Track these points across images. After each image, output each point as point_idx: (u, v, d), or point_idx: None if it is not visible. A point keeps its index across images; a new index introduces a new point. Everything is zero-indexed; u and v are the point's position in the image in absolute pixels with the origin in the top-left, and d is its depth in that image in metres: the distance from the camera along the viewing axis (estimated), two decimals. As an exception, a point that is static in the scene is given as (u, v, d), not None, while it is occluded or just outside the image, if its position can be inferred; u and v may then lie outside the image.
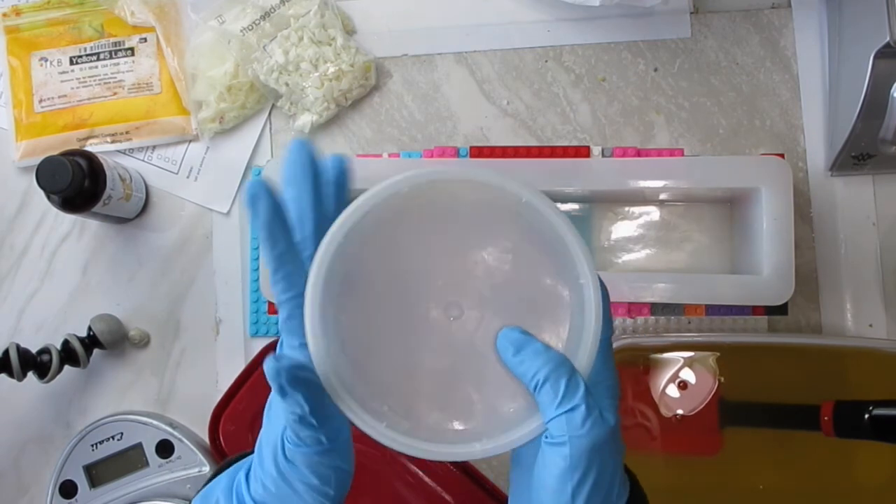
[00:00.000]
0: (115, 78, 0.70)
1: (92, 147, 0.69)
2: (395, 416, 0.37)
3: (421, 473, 0.63)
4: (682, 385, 0.60)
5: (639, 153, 0.65)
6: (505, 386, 0.38)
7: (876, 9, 0.57)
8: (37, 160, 0.61)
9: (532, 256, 0.39)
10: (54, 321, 0.69)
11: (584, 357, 0.36)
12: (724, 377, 0.60)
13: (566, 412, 0.35)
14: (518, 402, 0.38)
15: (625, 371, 0.61)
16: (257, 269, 0.66)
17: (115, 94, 0.70)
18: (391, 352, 0.39)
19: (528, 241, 0.39)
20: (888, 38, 0.56)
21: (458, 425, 0.38)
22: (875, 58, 0.58)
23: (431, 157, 0.65)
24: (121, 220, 0.69)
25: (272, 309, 0.66)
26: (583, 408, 0.35)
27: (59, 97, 0.70)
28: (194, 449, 0.64)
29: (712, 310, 0.64)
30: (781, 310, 0.64)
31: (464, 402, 0.39)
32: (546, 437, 0.36)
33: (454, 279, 0.39)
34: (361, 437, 0.39)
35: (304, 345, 0.36)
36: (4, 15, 0.71)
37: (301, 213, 0.38)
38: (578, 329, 0.37)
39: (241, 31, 0.67)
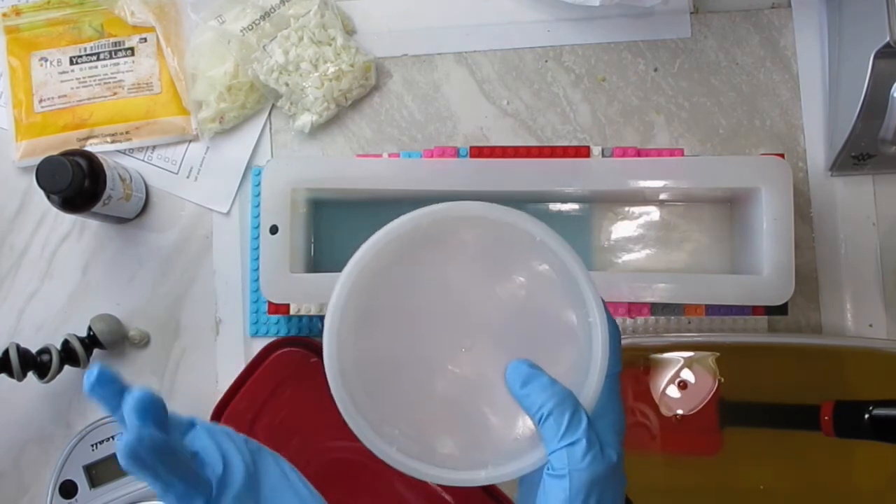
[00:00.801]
0: (115, 78, 0.70)
1: (92, 147, 0.69)
2: (405, 441, 0.39)
3: (421, 473, 0.63)
4: (682, 385, 0.60)
5: (639, 153, 0.65)
6: (512, 416, 0.39)
7: (876, 9, 0.57)
8: (37, 160, 0.61)
9: (543, 292, 0.40)
10: (54, 321, 0.69)
11: (590, 393, 0.38)
12: (723, 377, 0.60)
13: (567, 446, 0.36)
14: (524, 433, 0.39)
15: (625, 371, 0.61)
16: (257, 269, 0.66)
17: (115, 94, 0.70)
18: (404, 378, 0.40)
19: (539, 276, 0.40)
20: (888, 38, 0.56)
21: (465, 452, 0.40)
22: (875, 58, 0.58)
23: (431, 156, 0.65)
24: (121, 220, 0.69)
25: (272, 309, 0.66)
26: (584, 442, 0.36)
27: (59, 97, 0.70)
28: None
29: (712, 310, 0.64)
30: (781, 310, 0.64)
31: (472, 429, 0.40)
32: (548, 469, 0.37)
33: (467, 311, 0.41)
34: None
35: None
36: (4, 15, 0.71)
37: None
38: (586, 364, 0.38)
39: (241, 31, 0.68)
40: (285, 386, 0.65)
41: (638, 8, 0.67)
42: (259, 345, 0.66)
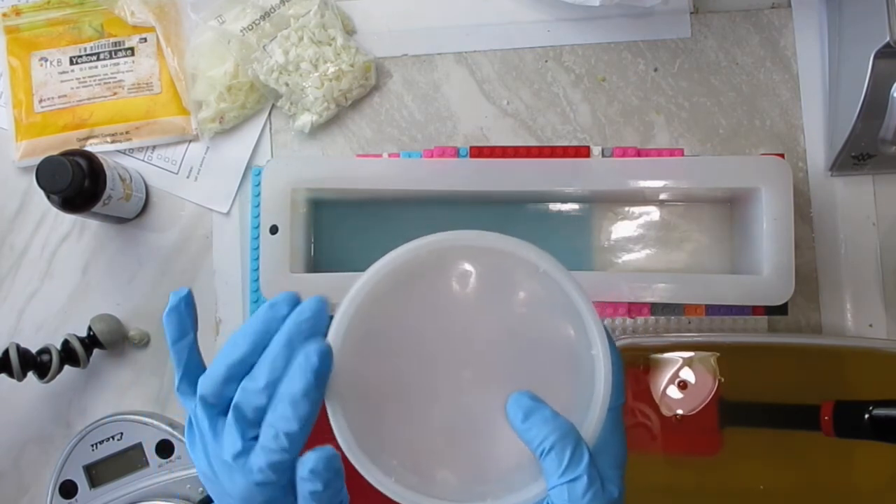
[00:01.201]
0: (115, 78, 0.70)
1: (92, 147, 0.69)
2: (403, 471, 0.38)
3: (421, 473, 0.63)
4: (682, 385, 0.60)
5: (639, 153, 0.65)
6: (512, 448, 0.38)
7: (876, 9, 0.57)
8: (37, 160, 0.61)
9: (546, 321, 0.40)
10: (54, 321, 0.69)
11: (591, 427, 0.37)
12: (724, 377, 0.60)
13: (568, 482, 0.36)
14: (524, 465, 0.38)
15: (625, 371, 0.61)
16: (257, 269, 0.66)
17: (115, 94, 0.70)
18: (404, 408, 0.40)
19: (542, 305, 0.40)
20: (888, 38, 0.56)
21: (464, 483, 0.39)
22: (875, 58, 0.58)
23: (431, 156, 0.65)
24: (121, 220, 0.69)
25: (272, 309, 0.66)
26: (585, 479, 0.36)
27: (59, 97, 0.70)
28: (194, 449, 0.64)
29: (712, 310, 0.64)
30: (781, 310, 0.64)
31: (472, 460, 0.40)
32: None
33: (467, 340, 0.40)
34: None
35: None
36: (4, 15, 0.71)
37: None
38: (588, 396, 0.38)
39: (241, 31, 0.68)
40: (285, 386, 0.64)
41: (638, 8, 0.67)
42: (259, 345, 0.66)
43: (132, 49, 0.70)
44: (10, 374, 0.61)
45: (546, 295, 0.39)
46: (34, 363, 0.63)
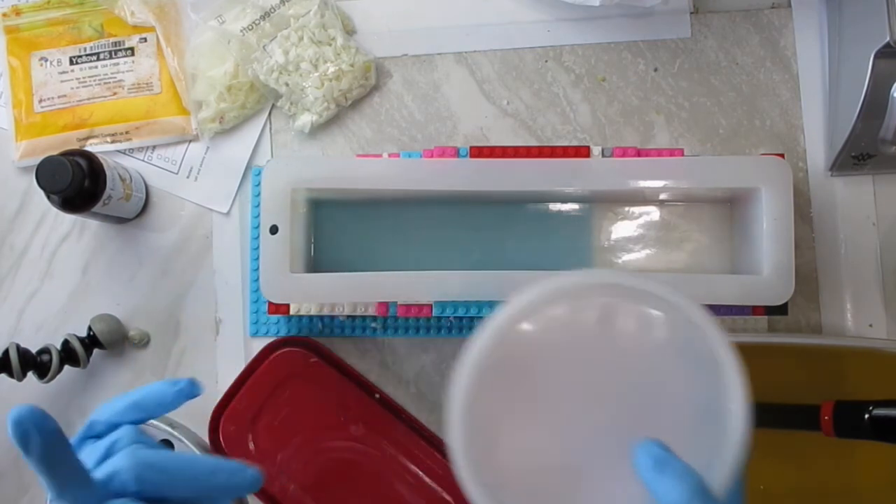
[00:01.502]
0: (115, 78, 0.70)
1: (92, 147, 0.69)
2: None
3: (421, 473, 0.63)
4: (682, 385, 0.60)
5: (639, 153, 0.65)
6: (632, 494, 0.37)
7: (876, 9, 0.57)
8: (37, 160, 0.61)
9: (678, 366, 0.39)
10: (54, 321, 0.69)
11: (722, 483, 0.37)
12: (724, 377, 0.60)
13: None
14: None
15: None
16: (257, 269, 0.66)
17: (115, 94, 0.70)
18: (524, 445, 0.40)
19: (677, 350, 0.39)
20: (888, 38, 0.56)
21: None
22: (875, 58, 0.58)
23: (431, 156, 0.65)
24: (121, 220, 0.69)
25: (272, 309, 0.66)
26: None
27: (59, 97, 0.70)
28: (194, 449, 0.64)
29: (712, 310, 0.64)
30: (781, 310, 0.64)
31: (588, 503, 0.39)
32: None
33: (597, 379, 0.40)
34: (362, 437, 0.39)
35: None
36: (4, 15, 0.71)
37: None
38: (715, 447, 0.37)
39: (241, 31, 0.68)
40: (285, 386, 0.65)
41: (638, 8, 0.67)
42: (259, 345, 0.66)
43: (132, 49, 0.70)
44: (10, 374, 0.61)
45: (682, 340, 0.39)
46: (34, 363, 0.63)
